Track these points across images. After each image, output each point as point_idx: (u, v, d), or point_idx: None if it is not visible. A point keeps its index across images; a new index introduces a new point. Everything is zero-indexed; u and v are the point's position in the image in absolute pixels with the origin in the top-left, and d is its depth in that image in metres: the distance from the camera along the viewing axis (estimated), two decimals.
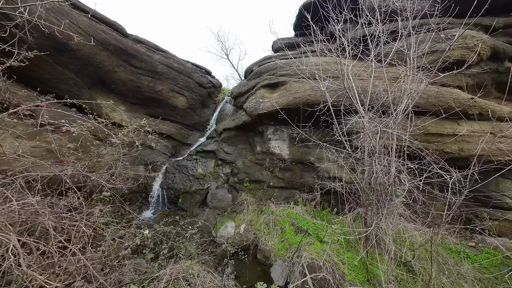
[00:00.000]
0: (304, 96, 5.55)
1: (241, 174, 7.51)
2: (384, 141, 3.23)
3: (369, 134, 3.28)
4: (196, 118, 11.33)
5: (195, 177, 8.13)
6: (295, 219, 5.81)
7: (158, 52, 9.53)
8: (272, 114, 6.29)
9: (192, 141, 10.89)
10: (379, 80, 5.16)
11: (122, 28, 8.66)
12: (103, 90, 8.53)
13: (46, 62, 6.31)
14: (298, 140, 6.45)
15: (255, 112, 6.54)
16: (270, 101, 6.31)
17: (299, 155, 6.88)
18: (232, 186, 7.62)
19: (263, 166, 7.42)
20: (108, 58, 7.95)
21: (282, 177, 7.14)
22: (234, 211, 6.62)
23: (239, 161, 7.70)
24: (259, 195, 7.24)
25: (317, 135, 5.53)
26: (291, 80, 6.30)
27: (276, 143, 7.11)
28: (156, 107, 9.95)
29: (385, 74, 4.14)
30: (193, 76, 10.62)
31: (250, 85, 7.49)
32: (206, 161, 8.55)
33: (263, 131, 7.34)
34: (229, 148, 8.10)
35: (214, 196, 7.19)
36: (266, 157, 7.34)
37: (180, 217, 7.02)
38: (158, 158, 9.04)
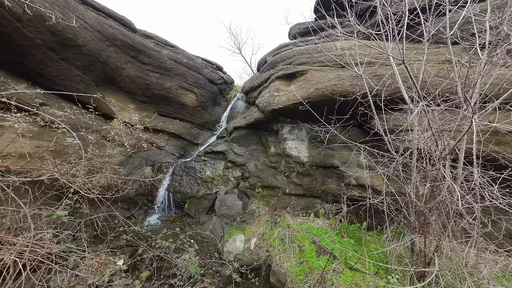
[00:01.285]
0: (328, 87, 4.60)
1: (252, 178, 6.74)
2: (456, 141, 2.20)
3: (433, 132, 2.27)
4: (206, 116, 10.84)
5: (203, 180, 7.57)
6: (317, 235, 4.88)
7: (167, 47, 9.18)
8: (288, 109, 5.42)
9: (202, 141, 10.42)
10: (428, 64, 4.02)
11: (130, 23, 8.43)
12: (111, 88, 8.34)
13: (52, 59, 6.14)
14: (320, 140, 5.51)
15: (269, 107, 5.72)
16: (286, 95, 5.45)
17: (321, 158, 5.91)
18: (242, 191, 6.89)
19: (277, 169, 6.57)
20: (116, 54, 7.71)
21: (300, 183, 6.22)
22: (244, 221, 5.88)
23: (250, 164, 6.95)
24: (273, 203, 6.40)
25: (344, 134, 4.54)
26: (312, 68, 5.36)
27: (293, 143, 6.21)
28: (166, 105, 9.63)
29: (451, 52, 3.05)
30: (203, 71, 10.13)
31: (263, 77, 6.69)
32: (215, 163, 7.94)
33: (277, 130, 6.50)
34: (240, 149, 7.39)
35: (223, 202, 6.52)
36: (281, 159, 6.48)
37: (185, 225, 6.49)
38: (166, 159, 8.67)
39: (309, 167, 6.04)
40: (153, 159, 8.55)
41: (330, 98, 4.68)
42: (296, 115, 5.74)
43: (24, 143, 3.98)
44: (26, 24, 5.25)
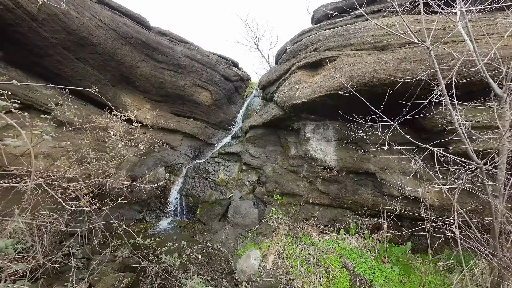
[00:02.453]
0: (366, 74, 3.69)
1: (270, 183, 6.03)
2: None
3: None
4: (221, 115, 10.44)
5: (216, 184, 7.09)
6: (350, 258, 3.99)
7: (181, 44, 8.94)
8: (313, 104, 4.61)
9: (217, 141, 10.04)
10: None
11: (145, 21, 8.34)
12: (127, 88, 8.33)
13: (68, 58, 6.17)
14: (352, 141, 4.58)
15: (289, 102, 4.96)
16: (310, 87, 4.64)
17: (352, 162, 4.97)
18: (258, 198, 6.22)
19: (298, 174, 5.76)
20: (130, 52, 7.63)
21: (326, 191, 5.34)
22: (260, 233, 5.20)
23: (267, 167, 6.24)
24: (294, 213, 5.62)
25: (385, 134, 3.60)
26: (342, 54, 4.47)
27: (318, 144, 5.35)
28: (180, 104, 9.43)
29: None
30: (217, 68, 9.72)
31: (282, 69, 5.94)
32: (229, 165, 7.41)
33: (299, 129, 5.69)
34: (256, 150, 6.73)
35: (237, 209, 5.93)
36: (303, 162, 5.66)
37: (197, 232, 6.05)
38: (180, 160, 8.42)
39: (338, 173, 5.13)
40: (167, 160, 8.36)
41: (367, 88, 3.76)
42: (321, 110, 4.89)
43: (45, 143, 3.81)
44: (41, 23, 5.26)
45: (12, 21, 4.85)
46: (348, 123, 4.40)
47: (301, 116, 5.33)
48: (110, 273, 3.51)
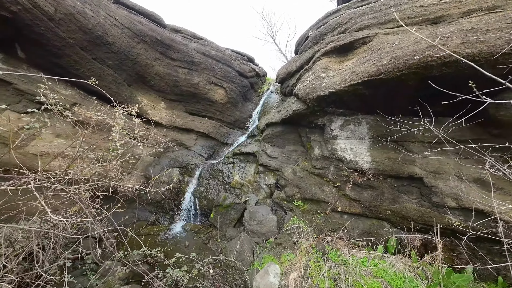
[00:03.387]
0: (417, 52, 2.92)
1: (290, 187, 5.41)
2: None
3: None
4: (236, 114, 10.05)
5: (231, 186, 6.66)
6: (394, 285, 3.22)
7: (195, 40, 8.73)
8: (343, 94, 3.90)
9: (232, 140, 9.66)
10: None
11: (159, 18, 8.27)
12: (143, 87, 8.32)
13: (85, 58, 6.21)
14: (393, 139, 3.78)
15: (313, 94, 4.30)
16: (339, 74, 3.94)
17: (391, 165, 4.15)
18: (277, 203, 5.64)
19: (323, 178, 5.06)
20: (145, 51, 7.58)
21: (357, 199, 4.57)
22: (279, 244, 4.62)
23: (287, 169, 5.63)
24: (318, 222, 4.93)
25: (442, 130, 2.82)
26: (380, 32, 3.70)
27: (347, 143, 4.61)
28: (194, 102, 9.23)
29: None
30: (232, 64, 9.34)
31: (304, 58, 5.29)
32: (244, 166, 6.94)
33: (324, 125, 4.99)
34: (274, 150, 6.15)
35: (253, 215, 5.42)
36: (329, 164, 4.95)
37: (210, 238, 5.66)
38: (194, 160, 8.18)
39: (372, 177, 4.33)
40: (181, 160, 8.17)
41: (418, 70, 2.97)
42: (353, 102, 4.15)
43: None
44: (58, 23, 5.29)
45: (30, 22, 4.90)
46: (389, 117, 3.62)
47: (327, 111, 4.62)
48: (116, 285, 3.22)
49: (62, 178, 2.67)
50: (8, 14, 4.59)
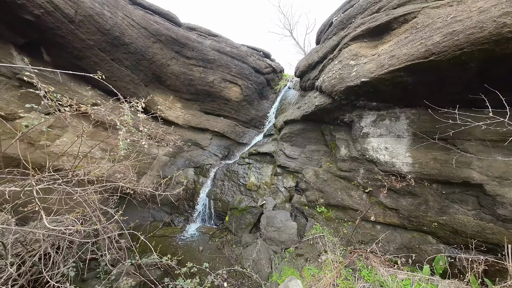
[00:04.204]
0: (486, 22, 2.27)
1: (312, 191, 4.90)
2: None
3: None
4: (252, 112, 9.72)
5: (246, 188, 6.33)
6: None
7: (210, 37, 8.57)
8: (378, 83, 3.32)
9: (247, 140, 9.36)
10: None
11: (175, 17, 8.25)
12: (159, 87, 8.38)
13: (104, 60, 6.33)
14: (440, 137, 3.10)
15: (340, 85, 3.76)
16: (373, 60, 3.36)
17: (439, 168, 3.46)
18: (297, 208, 5.15)
19: (351, 182, 4.47)
20: (161, 50, 7.59)
21: (394, 207, 3.92)
22: (300, 255, 4.15)
23: (308, 171, 5.12)
24: (345, 232, 4.35)
25: None
26: (427, 6, 3.06)
27: (381, 142, 3.98)
28: (210, 101, 9.10)
29: None
30: (248, 60, 9.02)
31: (327, 46, 4.74)
32: (261, 167, 6.56)
33: (351, 122, 4.40)
34: (293, 150, 5.67)
35: (271, 221, 5.01)
36: (358, 166, 4.35)
37: (225, 243, 5.37)
38: (209, 160, 8.02)
39: (414, 181, 3.65)
40: (196, 160, 8.07)
41: (487, 47, 2.31)
42: (390, 93, 3.53)
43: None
44: (78, 25, 5.41)
45: (52, 24, 5.04)
46: (441, 109, 2.96)
47: (356, 104, 4.04)
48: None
49: (70, 179, 2.53)
50: (32, 18, 4.74)
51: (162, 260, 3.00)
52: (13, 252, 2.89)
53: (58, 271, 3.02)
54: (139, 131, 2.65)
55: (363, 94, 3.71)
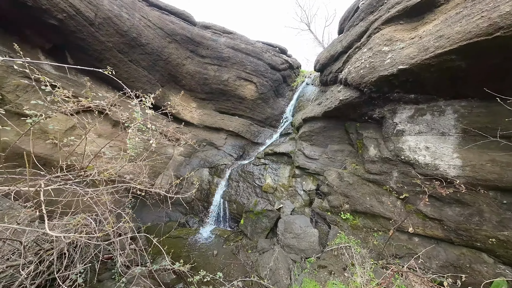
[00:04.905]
0: None
1: (335, 196, 4.45)
2: None
3: None
4: (268, 111, 9.40)
5: (262, 190, 6.03)
6: None
7: (225, 35, 8.44)
8: (420, 70, 2.81)
9: (263, 139, 9.07)
10: None
11: (190, 17, 8.25)
12: (175, 87, 8.45)
13: (122, 61, 6.48)
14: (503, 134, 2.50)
15: (371, 76, 3.29)
16: (413, 44, 2.86)
17: (498, 171, 2.86)
18: (318, 214, 4.73)
19: (383, 186, 3.94)
20: (176, 50, 7.62)
21: (437, 217, 3.34)
22: (323, 267, 3.74)
23: (330, 173, 4.67)
24: (376, 243, 3.84)
25: None
26: None
27: (421, 140, 3.42)
28: (224, 100, 8.98)
29: None
30: (263, 56, 8.73)
31: (353, 34, 4.26)
32: (277, 168, 6.22)
33: (382, 117, 3.88)
34: (313, 150, 5.24)
35: (289, 226, 4.66)
36: (390, 168, 3.81)
37: (240, 248, 5.13)
38: (223, 160, 7.86)
39: (465, 188, 3.05)
40: (210, 160, 7.97)
41: None
42: (434, 83, 2.98)
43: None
44: (98, 28, 5.55)
45: (74, 28, 5.20)
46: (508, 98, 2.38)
47: (389, 97, 3.53)
48: None
49: (81, 179, 2.44)
50: (56, 22, 4.93)
51: (174, 266, 2.82)
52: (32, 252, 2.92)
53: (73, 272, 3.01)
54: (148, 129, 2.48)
55: (400, 84, 3.20)
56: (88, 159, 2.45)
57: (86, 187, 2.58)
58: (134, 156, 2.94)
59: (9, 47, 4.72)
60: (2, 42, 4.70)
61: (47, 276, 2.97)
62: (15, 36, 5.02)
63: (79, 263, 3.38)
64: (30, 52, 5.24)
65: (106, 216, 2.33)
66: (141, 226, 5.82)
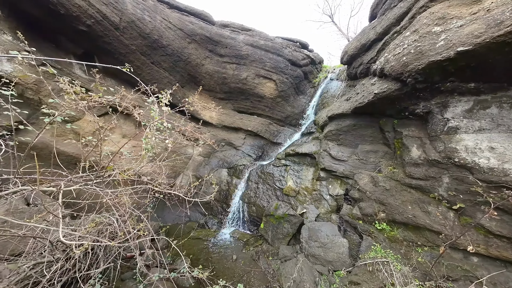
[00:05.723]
0: None
1: (368, 202, 3.94)
2: None
3: None
4: (288, 109, 9.02)
5: (283, 193, 5.71)
6: None
7: (243, 32, 8.27)
8: (489, 51, 2.24)
9: (283, 139, 8.72)
10: None
11: (209, 16, 8.25)
12: (195, 88, 8.53)
13: (145, 63, 6.66)
14: None
15: (418, 62, 2.77)
16: (478, 20, 2.31)
17: None
18: (347, 222, 4.26)
19: (429, 193, 3.36)
20: (196, 50, 7.66)
21: (506, 234, 2.71)
22: (355, 284, 3.30)
23: (362, 176, 4.17)
24: (421, 261, 3.28)
25: None
26: None
27: (481, 139, 2.81)
28: (243, 99, 8.83)
29: None
30: (283, 52, 8.37)
31: (390, 18, 3.73)
32: (300, 169, 5.83)
33: (428, 112, 3.30)
34: (341, 151, 4.76)
35: (314, 234, 4.27)
36: (440, 172, 3.22)
37: (260, 254, 4.87)
38: (242, 161, 7.70)
39: None
40: (229, 161, 7.86)
41: None
42: (505, 67, 2.38)
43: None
44: (123, 31, 5.75)
45: (101, 33, 5.43)
46: None
47: (440, 88, 2.96)
48: None
49: (102, 179, 2.39)
50: (85, 28, 5.18)
51: (193, 273, 2.66)
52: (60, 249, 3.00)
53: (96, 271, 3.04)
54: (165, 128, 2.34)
55: (456, 71, 2.64)
56: (108, 159, 2.39)
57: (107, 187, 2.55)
58: (153, 156, 2.85)
59: (47, 54, 5.09)
60: (41, 49, 5.08)
61: (73, 274, 3.05)
62: (52, 44, 5.42)
63: (103, 262, 3.45)
64: (64, 58, 5.62)
65: (125, 219, 2.24)
66: (162, 226, 5.92)
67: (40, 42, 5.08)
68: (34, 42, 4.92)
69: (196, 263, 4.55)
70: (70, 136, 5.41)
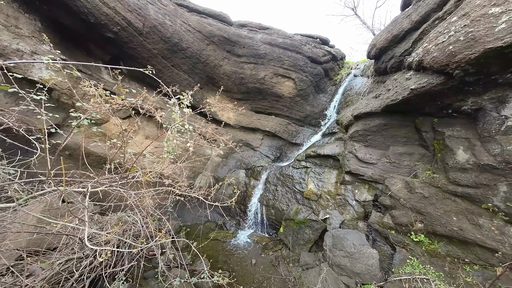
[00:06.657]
0: None
1: (402, 211, 3.55)
2: None
3: None
4: (307, 108, 8.70)
5: (304, 196, 5.46)
6: None
7: (261, 31, 8.16)
8: None
9: (301, 140, 8.43)
10: None
11: (226, 17, 8.29)
12: (213, 89, 8.63)
13: (166, 66, 6.87)
14: None
15: (469, 51, 2.38)
16: None
17: None
18: (377, 231, 3.89)
19: (480, 204, 2.90)
20: (214, 52, 7.73)
21: None
22: None
23: (395, 181, 3.77)
24: (469, 281, 2.84)
25: None
26: None
27: None
28: (260, 99, 8.72)
29: None
30: (302, 49, 8.08)
31: (430, 3, 3.30)
32: (321, 172, 5.53)
33: (478, 109, 2.85)
34: (369, 153, 4.38)
35: (339, 242, 3.98)
36: (494, 180, 2.75)
37: (280, 260, 4.68)
38: (260, 162, 7.57)
39: None
40: (247, 162, 7.78)
41: None
42: None
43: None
44: (146, 36, 5.97)
45: (126, 39, 5.69)
46: None
47: (496, 80, 2.52)
48: None
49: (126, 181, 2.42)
50: (112, 35, 5.47)
51: (213, 279, 2.60)
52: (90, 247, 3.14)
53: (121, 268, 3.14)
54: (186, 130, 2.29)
55: None
56: (131, 161, 2.42)
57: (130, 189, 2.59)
58: (175, 157, 2.84)
59: (78, 61, 5.47)
60: (74, 57, 5.48)
61: (100, 271, 3.19)
62: (83, 52, 5.81)
63: (127, 260, 3.56)
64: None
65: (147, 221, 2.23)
66: (182, 226, 6.04)
67: (73, 50, 5.47)
68: (68, 50, 5.32)
69: (215, 265, 4.55)
70: (97, 138, 5.74)
